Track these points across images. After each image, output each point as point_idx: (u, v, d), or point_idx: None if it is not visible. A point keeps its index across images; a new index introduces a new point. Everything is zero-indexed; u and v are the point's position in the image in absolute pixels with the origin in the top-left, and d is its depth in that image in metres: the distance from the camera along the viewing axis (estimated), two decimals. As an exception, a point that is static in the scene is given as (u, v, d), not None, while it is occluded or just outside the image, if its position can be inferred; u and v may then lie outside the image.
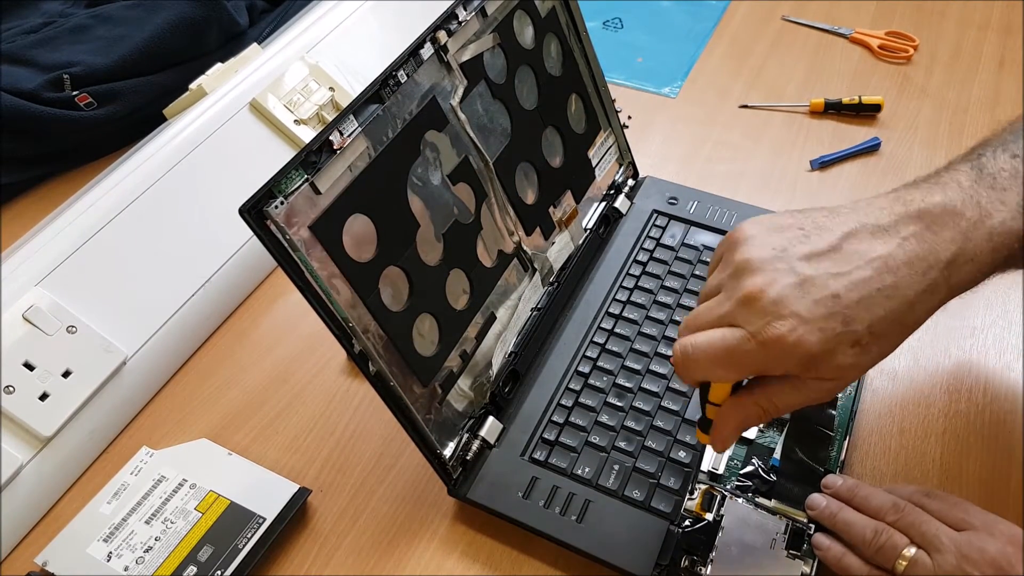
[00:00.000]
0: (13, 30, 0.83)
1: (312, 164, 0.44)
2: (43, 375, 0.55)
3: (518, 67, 0.59)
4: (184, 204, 0.65)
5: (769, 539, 0.48)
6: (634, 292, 0.63)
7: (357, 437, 0.58)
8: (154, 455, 0.56)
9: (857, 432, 0.56)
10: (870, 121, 0.81)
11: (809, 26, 0.93)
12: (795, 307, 0.38)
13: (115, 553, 0.51)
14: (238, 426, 0.59)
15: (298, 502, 0.53)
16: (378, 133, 0.48)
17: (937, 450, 0.55)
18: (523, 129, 0.59)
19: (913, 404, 0.57)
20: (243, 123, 0.70)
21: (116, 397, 0.59)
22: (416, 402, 0.50)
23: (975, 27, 0.91)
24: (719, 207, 0.69)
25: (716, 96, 0.85)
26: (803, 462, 0.51)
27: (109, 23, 0.81)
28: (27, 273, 0.57)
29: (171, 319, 0.62)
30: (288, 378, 0.62)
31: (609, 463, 0.53)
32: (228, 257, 0.66)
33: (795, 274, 0.39)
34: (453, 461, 0.52)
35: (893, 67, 0.87)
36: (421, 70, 0.51)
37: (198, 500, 0.53)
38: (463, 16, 0.53)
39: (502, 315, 0.58)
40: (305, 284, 0.44)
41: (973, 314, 0.62)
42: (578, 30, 0.64)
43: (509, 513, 0.50)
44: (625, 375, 0.57)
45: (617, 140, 0.71)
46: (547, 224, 0.62)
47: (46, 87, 0.75)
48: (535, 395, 0.57)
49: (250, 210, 0.41)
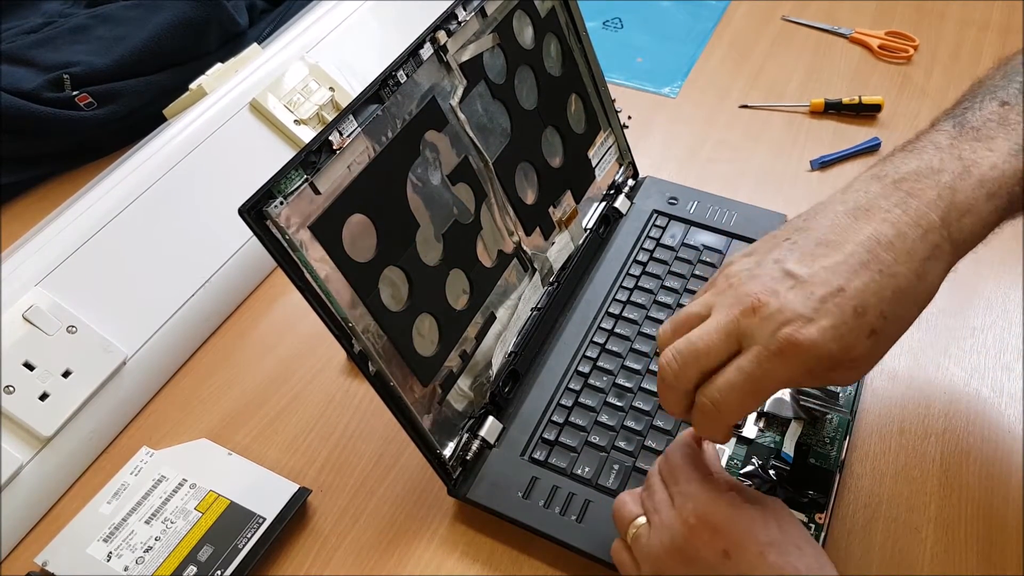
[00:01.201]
0: (13, 30, 0.83)
1: (312, 164, 0.44)
2: (43, 375, 0.55)
3: (518, 67, 0.59)
4: (184, 204, 0.65)
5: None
6: (634, 292, 0.63)
7: (357, 437, 0.58)
8: (154, 455, 0.56)
9: (857, 432, 0.56)
10: (870, 121, 0.81)
11: (809, 26, 0.93)
12: (800, 309, 0.36)
13: (115, 553, 0.51)
14: (238, 426, 0.59)
15: (298, 502, 0.53)
16: (378, 133, 0.48)
17: (937, 450, 0.55)
18: (523, 129, 0.59)
19: (913, 404, 0.57)
20: (243, 123, 0.70)
21: (116, 397, 0.59)
22: (416, 402, 0.50)
23: (975, 27, 0.91)
24: (719, 207, 0.69)
25: (716, 96, 0.85)
26: (804, 463, 0.51)
27: (109, 23, 0.81)
28: (27, 273, 0.57)
29: (171, 319, 0.62)
30: (288, 378, 0.62)
31: (609, 463, 0.53)
32: (228, 257, 0.66)
33: (792, 277, 0.37)
34: (453, 461, 0.52)
35: (893, 67, 0.87)
36: (421, 70, 0.51)
37: (198, 500, 0.53)
38: (463, 16, 0.53)
39: (502, 315, 0.58)
40: (305, 284, 0.44)
41: (973, 314, 0.62)
42: (578, 30, 0.64)
43: (509, 513, 0.50)
44: (625, 375, 0.57)
45: (617, 140, 0.71)
46: (547, 224, 0.62)
47: (46, 87, 0.75)
48: (535, 395, 0.57)
49: (250, 210, 0.41)
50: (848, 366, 0.37)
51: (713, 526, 0.40)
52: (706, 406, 0.39)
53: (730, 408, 0.38)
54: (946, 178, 0.38)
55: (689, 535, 0.40)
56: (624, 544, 0.45)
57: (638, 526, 0.43)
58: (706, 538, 0.40)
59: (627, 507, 0.45)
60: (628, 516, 0.44)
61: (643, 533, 0.43)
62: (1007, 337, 0.61)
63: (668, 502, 0.42)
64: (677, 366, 0.39)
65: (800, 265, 0.38)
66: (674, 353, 0.39)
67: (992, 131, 0.39)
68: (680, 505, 0.41)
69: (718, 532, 0.40)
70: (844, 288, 0.36)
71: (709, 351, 0.38)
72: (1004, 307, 0.63)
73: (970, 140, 0.39)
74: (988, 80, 0.44)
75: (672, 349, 0.40)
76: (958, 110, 0.42)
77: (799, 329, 0.36)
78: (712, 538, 0.40)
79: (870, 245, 0.37)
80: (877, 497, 0.52)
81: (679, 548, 0.40)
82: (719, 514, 0.40)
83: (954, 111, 0.42)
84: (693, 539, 0.40)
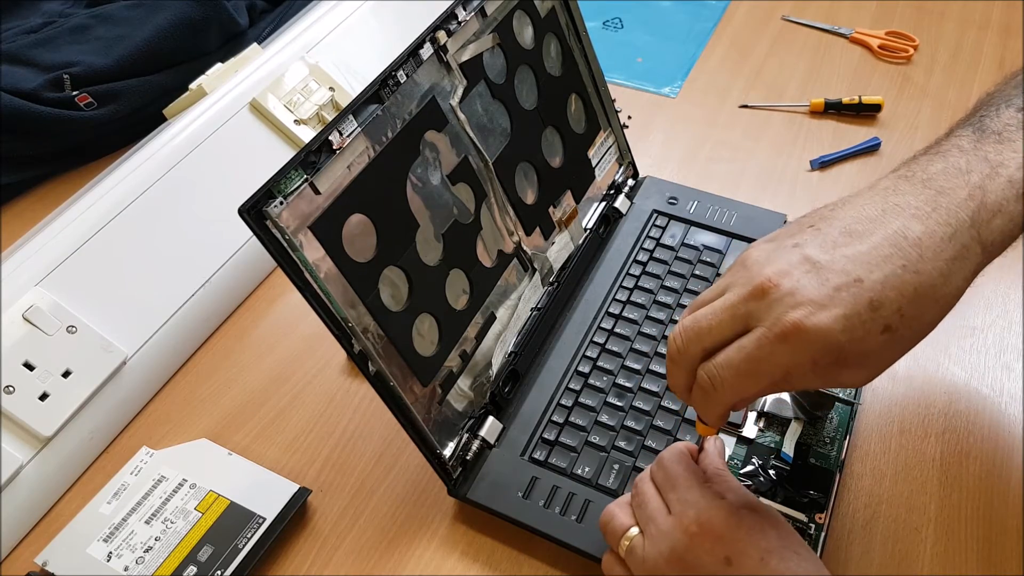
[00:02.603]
0: (13, 30, 0.83)
1: (312, 164, 0.44)
2: (43, 375, 0.55)
3: (518, 67, 0.59)
4: (184, 204, 0.65)
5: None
6: (634, 292, 0.63)
7: (357, 437, 0.58)
8: (154, 455, 0.56)
9: (857, 432, 0.56)
10: (870, 121, 0.81)
11: (809, 26, 0.93)
12: (812, 294, 0.35)
13: (115, 553, 0.51)
14: (238, 426, 0.59)
15: (298, 502, 0.53)
16: (378, 133, 0.48)
17: (937, 450, 0.55)
18: (523, 129, 0.59)
19: (913, 404, 0.57)
20: (243, 123, 0.70)
21: (116, 397, 0.59)
22: (416, 402, 0.50)
23: (975, 27, 0.91)
24: (719, 207, 0.69)
25: (716, 96, 0.85)
26: (804, 463, 0.51)
27: (109, 23, 0.81)
28: (27, 273, 0.57)
29: (171, 319, 0.62)
30: (288, 378, 0.62)
31: (609, 463, 0.53)
32: (228, 257, 0.66)
33: (810, 262, 0.36)
34: (453, 461, 0.52)
35: (893, 67, 0.87)
36: (421, 70, 0.51)
37: (198, 500, 0.53)
38: (463, 16, 0.53)
39: (502, 315, 0.58)
40: (305, 284, 0.44)
41: (973, 314, 0.62)
42: (578, 30, 0.64)
43: (509, 513, 0.50)
44: (625, 375, 0.57)
45: (617, 140, 0.71)
46: (547, 224, 0.62)
47: (46, 87, 0.75)
48: (535, 395, 0.57)
49: (250, 210, 0.41)
50: (856, 363, 0.35)
51: (715, 534, 0.40)
52: (704, 381, 0.38)
53: (726, 387, 0.37)
54: (975, 178, 0.37)
55: (690, 543, 0.40)
56: (616, 557, 0.44)
57: (631, 537, 0.43)
58: (708, 546, 0.39)
59: (617, 519, 0.44)
60: (620, 528, 0.43)
61: (638, 544, 0.42)
62: (1007, 337, 0.61)
63: (664, 510, 0.42)
64: (681, 341, 0.39)
65: (820, 251, 0.36)
66: (681, 329, 0.39)
67: (1013, 135, 0.39)
68: (680, 513, 0.41)
69: (720, 540, 0.39)
70: (862, 279, 0.35)
71: (712, 329, 0.37)
72: (1004, 307, 0.63)
73: (993, 143, 0.39)
74: (999, 92, 0.44)
75: (679, 325, 0.39)
76: (974, 119, 0.42)
77: (809, 314, 0.34)
78: (714, 546, 0.39)
79: (896, 240, 0.35)
80: (877, 497, 0.52)
81: (679, 557, 0.40)
82: (720, 521, 0.40)
83: (970, 119, 0.42)
84: (694, 547, 0.40)
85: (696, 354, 0.38)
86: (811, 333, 0.34)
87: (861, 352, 0.35)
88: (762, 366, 0.36)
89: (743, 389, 0.37)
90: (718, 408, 0.39)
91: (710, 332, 0.38)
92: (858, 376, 0.36)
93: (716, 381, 0.37)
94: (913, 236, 0.35)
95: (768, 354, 0.35)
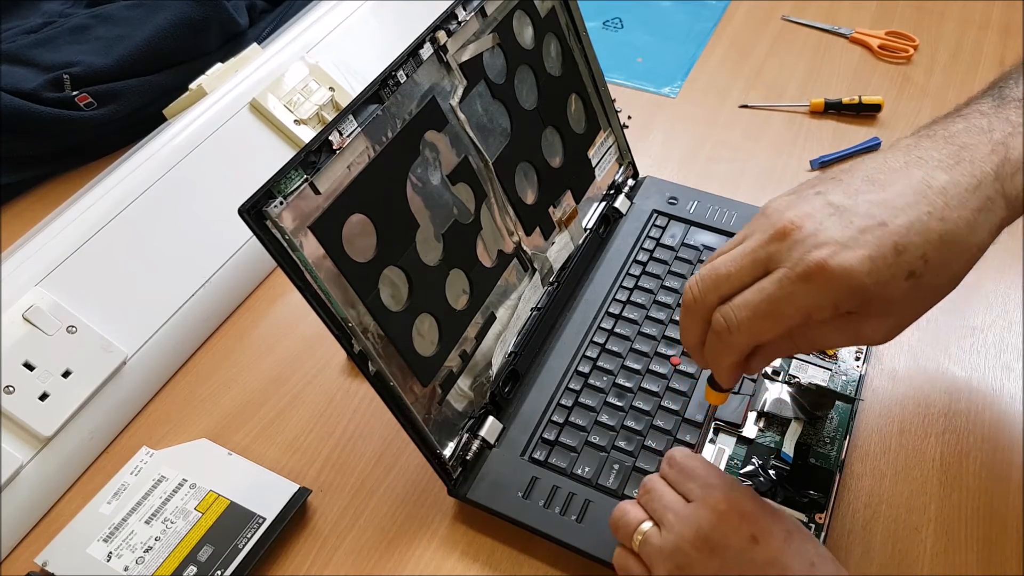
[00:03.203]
0: (13, 30, 0.83)
1: (312, 164, 0.44)
2: (43, 375, 0.55)
3: (518, 67, 0.59)
4: (184, 204, 0.65)
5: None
6: (634, 292, 0.63)
7: (357, 437, 0.58)
8: (154, 455, 0.56)
9: (857, 432, 0.56)
10: (870, 121, 0.81)
11: (809, 26, 0.93)
12: (836, 235, 0.34)
13: (115, 553, 0.51)
14: (238, 426, 0.59)
15: (298, 502, 0.53)
16: (378, 133, 0.48)
17: (937, 450, 0.55)
18: (523, 129, 0.59)
19: (913, 404, 0.57)
20: (243, 123, 0.70)
21: (116, 397, 0.59)
22: (416, 402, 0.50)
23: (975, 27, 0.91)
24: (719, 207, 0.69)
25: (716, 96, 0.85)
26: (804, 463, 0.51)
27: (109, 23, 0.81)
28: (27, 273, 0.57)
29: (171, 319, 0.62)
30: (288, 378, 0.62)
31: (609, 463, 0.53)
32: (228, 257, 0.66)
33: (833, 206, 0.35)
34: (453, 461, 0.52)
35: (893, 67, 0.87)
36: (421, 70, 0.51)
37: (198, 500, 0.53)
38: (463, 16, 0.53)
39: (502, 315, 0.58)
40: (305, 284, 0.44)
41: (973, 314, 0.62)
42: (578, 30, 0.64)
43: (509, 513, 0.50)
44: (625, 375, 0.57)
45: (617, 140, 0.71)
46: (547, 224, 0.62)
47: (46, 87, 0.75)
48: (535, 395, 0.57)
49: (250, 210, 0.41)
50: (879, 312, 0.35)
51: (742, 511, 0.40)
52: (719, 324, 0.37)
53: (743, 329, 0.36)
54: (997, 135, 0.37)
55: (718, 521, 0.40)
56: (628, 551, 0.44)
57: (643, 531, 0.43)
58: (735, 523, 0.40)
59: (630, 514, 0.44)
60: (633, 521, 0.44)
61: (653, 535, 0.42)
62: (1007, 337, 0.61)
63: (681, 501, 0.43)
64: (698, 290, 0.38)
65: (844, 197, 0.36)
66: (698, 278, 0.38)
67: None
68: (705, 496, 0.42)
69: (746, 518, 0.40)
70: (887, 223, 0.34)
71: (731, 275, 0.37)
72: (1004, 307, 0.63)
73: (1013, 108, 0.39)
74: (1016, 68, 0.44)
75: (696, 274, 0.38)
76: (993, 90, 0.42)
77: (833, 254, 0.33)
78: (740, 523, 0.40)
79: (920, 188, 0.35)
80: (877, 497, 0.52)
81: (705, 536, 0.40)
82: (747, 500, 0.41)
83: (990, 90, 0.42)
84: (722, 525, 0.40)
85: (713, 302, 0.38)
86: (835, 272, 0.33)
87: (885, 299, 0.34)
88: (782, 307, 0.35)
89: (760, 332, 0.36)
90: (732, 355, 0.38)
91: (728, 279, 0.37)
92: (880, 328, 0.36)
93: (732, 323, 0.36)
94: (938, 185, 0.35)
95: (789, 294, 0.34)
